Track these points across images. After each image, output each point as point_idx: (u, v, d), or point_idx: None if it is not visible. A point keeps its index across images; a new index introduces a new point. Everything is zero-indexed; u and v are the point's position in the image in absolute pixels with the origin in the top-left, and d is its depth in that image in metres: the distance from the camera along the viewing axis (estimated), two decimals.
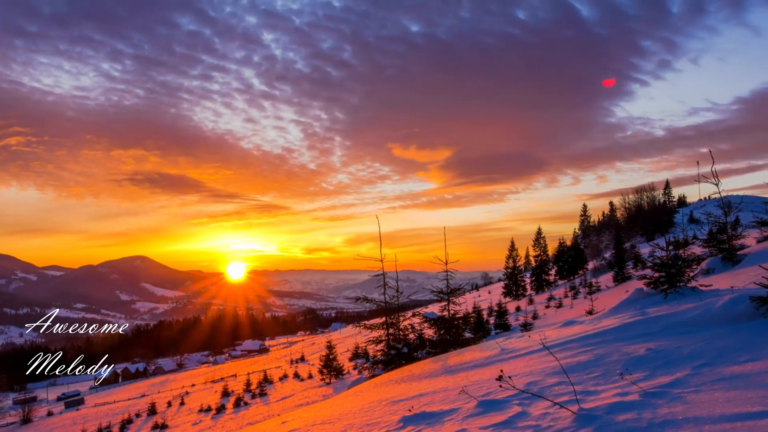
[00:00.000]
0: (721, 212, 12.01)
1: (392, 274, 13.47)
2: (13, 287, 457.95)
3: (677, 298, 7.00)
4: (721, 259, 11.56)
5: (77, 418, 35.92)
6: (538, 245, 56.58)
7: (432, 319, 13.16)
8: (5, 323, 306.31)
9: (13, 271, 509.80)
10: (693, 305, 5.31)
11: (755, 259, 9.86)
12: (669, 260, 7.52)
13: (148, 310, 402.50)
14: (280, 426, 5.84)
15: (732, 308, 4.73)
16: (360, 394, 6.86)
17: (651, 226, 53.09)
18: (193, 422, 22.07)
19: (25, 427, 36.10)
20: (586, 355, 4.65)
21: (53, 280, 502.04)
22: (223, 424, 19.46)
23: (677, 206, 64.37)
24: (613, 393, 3.32)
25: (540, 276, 52.80)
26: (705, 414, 2.53)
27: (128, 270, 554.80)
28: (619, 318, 6.35)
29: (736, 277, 8.62)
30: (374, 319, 23.29)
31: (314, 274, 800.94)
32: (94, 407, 44.82)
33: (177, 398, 35.18)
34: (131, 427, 25.76)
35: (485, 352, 7.05)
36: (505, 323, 28.52)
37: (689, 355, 3.87)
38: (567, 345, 5.38)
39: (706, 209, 42.39)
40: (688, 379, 3.31)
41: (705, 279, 9.40)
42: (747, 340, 3.91)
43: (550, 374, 4.33)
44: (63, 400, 57.95)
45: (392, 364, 12.03)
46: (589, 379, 3.88)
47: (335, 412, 5.46)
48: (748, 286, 6.85)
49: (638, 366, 3.90)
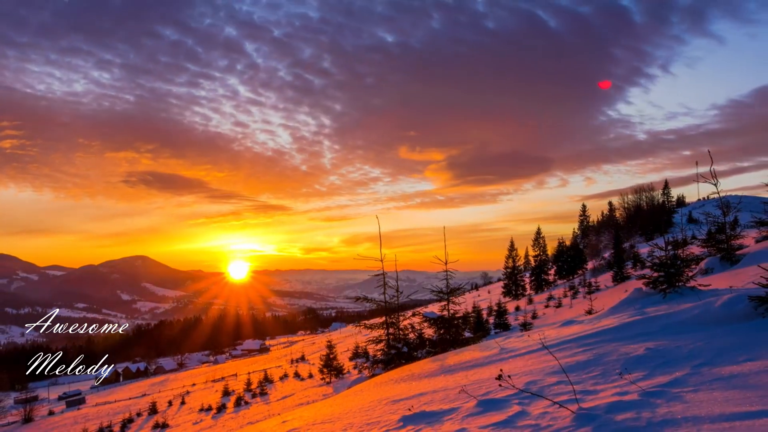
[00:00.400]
0: (719, 212, 12.00)
1: (392, 273, 13.48)
2: (14, 287, 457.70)
3: (676, 297, 7.00)
4: (719, 258, 11.55)
5: (78, 417, 35.92)
6: (537, 245, 56.58)
7: (432, 318, 13.16)
8: (7, 323, 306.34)
9: (15, 270, 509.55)
10: (692, 305, 5.31)
11: (754, 259, 9.86)
12: (668, 260, 7.52)
13: (148, 310, 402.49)
14: (280, 425, 5.84)
15: (731, 308, 4.73)
16: (360, 393, 6.86)
17: (650, 226, 53.06)
18: (194, 421, 22.06)
19: (27, 427, 36.09)
20: (586, 355, 4.65)
21: (54, 279, 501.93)
22: (224, 424, 19.45)
23: (676, 206, 64.30)
24: (613, 392, 3.32)
25: (539, 276, 52.81)
26: (704, 413, 2.53)
27: (129, 270, 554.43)
28: (618, 317, 6.35)
29: (735, 276, 8.62)
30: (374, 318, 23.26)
31: (314, 274, 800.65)
32: (95, 406, 44.82)
33: (178, 397, 35.17)
34: (132, 427, 25.76)
35: (485, 351, 7.05)
36: (504, 323, 28.52)
37: (688, 355, 3.87)
38: (566, 344, 5.38)
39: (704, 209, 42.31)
40: (687, 378, 3.31)
41: (704, 279, 9.40)
42: (746, 340, 3.91)
43: (549, 374, 4.32)
44: (64, 399, 57.93)
45: (392, 363, 12.02)
46: (589, 378, 3.88)
47: (335, 412, 5.46)
48: (747, 285, 6.85)
49: (637, 365, 3.90)
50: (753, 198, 37.87)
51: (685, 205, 64.97)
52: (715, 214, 12.42)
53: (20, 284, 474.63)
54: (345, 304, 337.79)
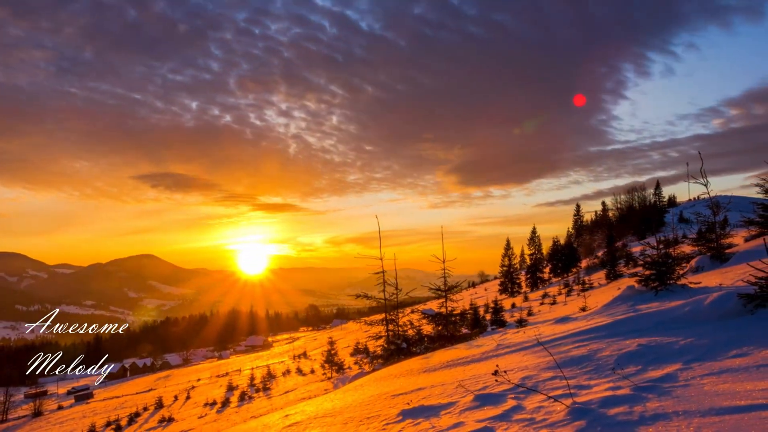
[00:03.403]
0: (710, 212, 12.00)
1: (392, 272, 13.47)
2: (24, 285, 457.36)
3: (668, 295, 7.00)
4: (710, 257, 11.54)
5: (86, 411, 35.89)
6: (532, 244, 56.61)
7: (430, 315, 13.17)
8: (17, 320, 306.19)
9: (25, 269, 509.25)
10: (683, 302, 5.31)
11: (743, 258, 9.86)
12: (660, 258, 7.51)
13: (155, 307, 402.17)
14: (283, 419, 5.84)
15: (721, 305, 4.73)
16: (360, 388, 6.86)
17: (642, 225, 53.05)
18: (199, 415, 22.04)
19: (37, 420, 36.04)
20: (580, 351, 4.65)
21: (63, 277, 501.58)
22: (228, 417, 19.44)
23: (667, 206, 64.28)
24: (606, 387, 3.32)
25: (535, 274, 52.81)
26: (694, 407, 2.53)
27: (136, 268, 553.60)
28: (611, 314, 6.35)
29: (725, 274, 8.61)
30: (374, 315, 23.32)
31: (316, 272, 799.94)
32: (102, 401, 44.77)
33: (183, 392, 35.13)
34: (139, 420, 25.72)
35: (482, 347, 7.05)
36: (500, 319, 28.41)
37: (679, 351, 3.87)
38: (561, 341, 5.38)
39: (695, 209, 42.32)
40: (678, 373, 3.31)
41: (694, 276, 9.39)
42: (735, 336, 3.92)
43: (544, 369, 4.33)
44: (73, 393, 57.91)
45: (392, 359, 12.02)
46: (583, 373, 3.88)
47: (336, 406, 5.46)
48: (736, 283, 6.85)
49: (630, 361, 3.90)
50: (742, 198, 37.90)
51: (677, 205, 64.95)
52: (705, 214, 12.40)
53: (30, 282, 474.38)
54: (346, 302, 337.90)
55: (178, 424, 21.48)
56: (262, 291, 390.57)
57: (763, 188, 9.78)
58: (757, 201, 12.08)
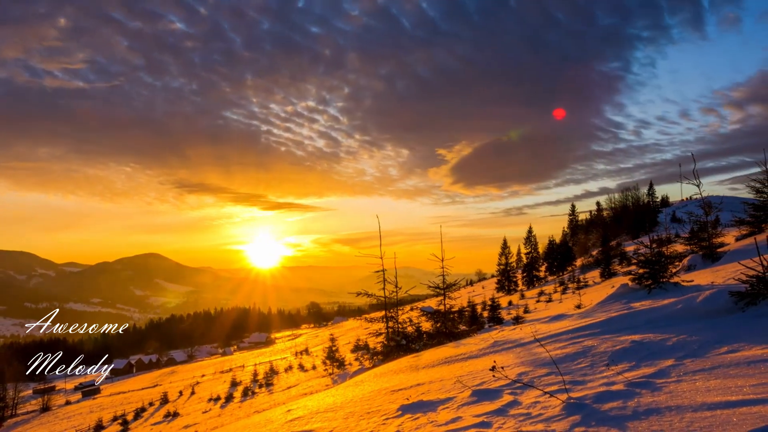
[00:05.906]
0: (702, 212, 12.00)
1: (391, 270, 13.46)
2: (33, 283, 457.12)
3: (661, 293, 7.00)
4: (702, 256, 11.55)
5: (94, 406, 35.90)
6: (529, 243, 56.57)
7: (429, 312, 13.17)
8: (26, 317, 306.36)
9: (33, 267, 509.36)
10: (675, 300, 5.31)
11: (734, 257, 9.86)
12: (653, 257, 7.52)
13: (160, 305, 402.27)
14: (285, 414, 5.84)
15: (712, 302, 4.73)
16: (361, 384, 6.86)
17: (636, 224, 53.10)
18: (203, 410, 22.04)
19: (45, 415, 36.08)
20: (575, 347, 4.65)
21: (71, 275, 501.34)
22: (231, 412, 19.44)
23: (661, 206, 64.27)
24: (600, 383, 3.32)
25: (531, 272, 52.76)
26: (687, 403, 2.53)
27: (142, 266, 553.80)
28: (605, 312, 6.35)
29: (716, 273, 8.61)
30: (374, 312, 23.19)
31: (317, 270, 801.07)
32: (109, 396, 44.80)
33: (188, 388, 35.13)
34: (145, 415, 25.73)
35: (479, 344, 7.05)
36: (497, 317, 28.39)
37: (672, 347, 3.87)
38: (557, 337, 5.38)
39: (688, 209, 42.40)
40: (671, 370, 3.31)
41: (687, 275, 9.39)
42: (726, 333, 3.92)
43: (540, 365, 4.33)
44: (80, 389, 57.95)
45: (392, 355, 12.02)
46: (578, 369, 3.88)
47: (337, 401, 5.46)
48: (728, 281, 6.85)
49: (624, 357, 3.91)
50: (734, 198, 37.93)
51: (669, 204, 64.98)
52: (697, 214, 12.42)
53: (38, 280, 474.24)
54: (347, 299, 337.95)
55: (182, 419, 21.49)
56: (265, 289, 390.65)
57: (754, 188, 9.78)
58: (747, 201, 12.08)
